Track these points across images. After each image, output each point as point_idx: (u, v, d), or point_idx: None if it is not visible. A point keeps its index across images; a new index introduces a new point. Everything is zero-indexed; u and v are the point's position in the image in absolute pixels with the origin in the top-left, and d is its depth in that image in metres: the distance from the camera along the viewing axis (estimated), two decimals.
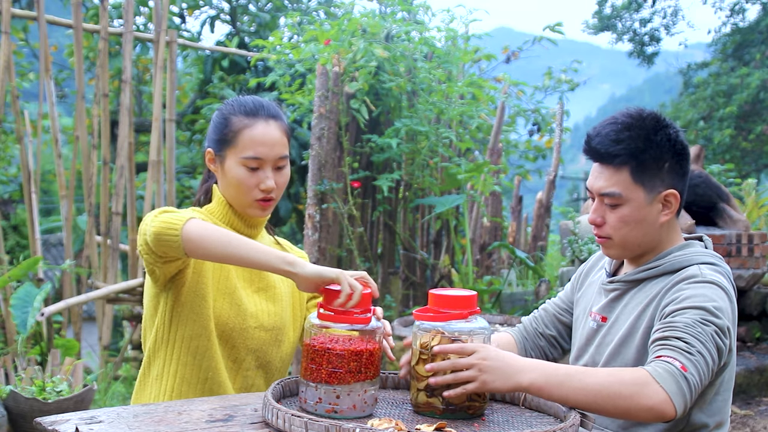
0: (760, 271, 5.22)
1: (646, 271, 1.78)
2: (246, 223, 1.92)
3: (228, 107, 1.90)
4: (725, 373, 1.73)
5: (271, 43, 6.16)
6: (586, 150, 1.81)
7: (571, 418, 1.49)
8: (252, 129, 1.85)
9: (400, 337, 4.60)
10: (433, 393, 1.57)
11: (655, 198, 1.75)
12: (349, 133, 5.31)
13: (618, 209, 1.76)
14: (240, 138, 1.84)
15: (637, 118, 1.75)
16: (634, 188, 1.74)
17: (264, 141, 1.85)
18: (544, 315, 2.07)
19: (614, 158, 1.73)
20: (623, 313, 1.79)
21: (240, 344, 1.87)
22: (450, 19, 6.14)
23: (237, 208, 1.90)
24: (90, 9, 10.03)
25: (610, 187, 1.75)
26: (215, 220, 1.90)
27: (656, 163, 1.74)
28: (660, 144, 1.73)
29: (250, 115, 1.86)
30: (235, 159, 1.85)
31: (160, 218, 1.68)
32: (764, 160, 14.79)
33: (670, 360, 1.53)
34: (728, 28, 15.86)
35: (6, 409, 4.11)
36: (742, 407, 4.72)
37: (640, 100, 66.09)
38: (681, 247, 1.80)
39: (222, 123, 1.88)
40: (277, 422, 1.42)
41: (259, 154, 1.84)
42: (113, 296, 6.08)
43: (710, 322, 1.59)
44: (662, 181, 1.75)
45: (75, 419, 1.47)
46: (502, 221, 8.10)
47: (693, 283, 1.67)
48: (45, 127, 8.38)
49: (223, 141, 1.87)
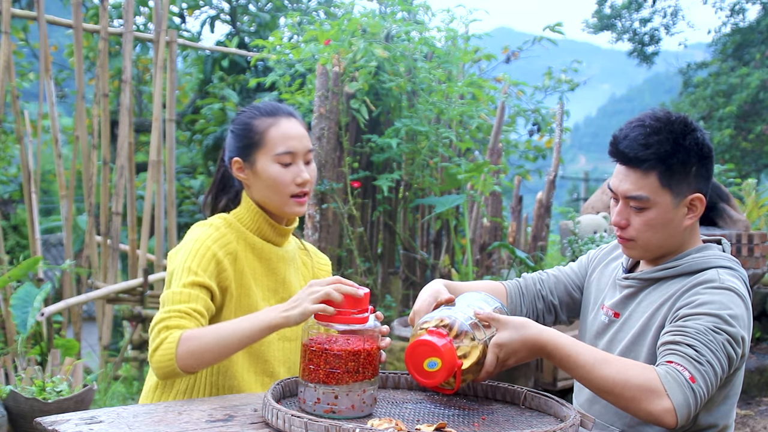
0: (760, 271, 5.23)
1: (663, 271, 1.77)
2: (276, 231, 1.93)
3: (245, 115, 1.92)
4: (736, 378, 1.72)
5: (271, 43, 6.15)
6: (612, 152, 1.78)
7: (571, 418, 1.48)
8: (278, 126, 1.87)
9: (400, 337, 4.60)
10: None
11: (682, 202, 1.73)
12: (349, 133, 5.31)
13: (644, 213, 1.74)
14: (268, 137, 1.86)
15: (666, 122, 1.73)
16: (661, 192, 1.72)
17: (292, 135, 1.87)
18: (552, 280, 2.02)
19: (643, 162, 1.71)
20: (636, 311, 1.78)
21: (271, 358, 1.90)
22: (450, 19, 6.14)
23: (273, 210, 1.90)
24: (90, 9, 10.03)
25: (637, 190, 1.72)
26: (243, 229, 1.90)
27: (684, 167, 1.71)
28: (688, 148, 1.71)
29: (272, 115, 1.88)
30: (268, 158, 1.86)
31: (155, 358, 1.68)
32: (764, 160, 14.78)
33: (680, 369, 1.52)
34: (728, 28, 15.86)
35: (6, 409, 4.11)
36: (742, 407, 4.72)
37: (640, 100, 66.02)
38: (699, 249, 1.78)
39: (245, 129, 1.89)
40: (277, 422, 1.42)
41: (290, 147, 1.86)
42: (113, 296, 6.08)
43: (723, 331, 1.58)
44: (689, 185, 1.73)
45: (75, 419, 1.46)
46: (502, 221, 8.09)
47: (710, 288, 1.66)
48: (45, 127, 8.37)
49: (250, 145, 1.87)
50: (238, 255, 1.87)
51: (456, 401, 1.73)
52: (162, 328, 1.71)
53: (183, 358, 1.66)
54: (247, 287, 1.87)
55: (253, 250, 1.91)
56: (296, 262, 2.02)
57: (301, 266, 2.04)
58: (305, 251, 2.08)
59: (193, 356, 1.66)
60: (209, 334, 1.68)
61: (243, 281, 1.87)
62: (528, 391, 1.70)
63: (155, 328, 1.72)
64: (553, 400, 1.62)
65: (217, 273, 1.82)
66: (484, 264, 7.38)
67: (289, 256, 1.98)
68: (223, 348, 1.67)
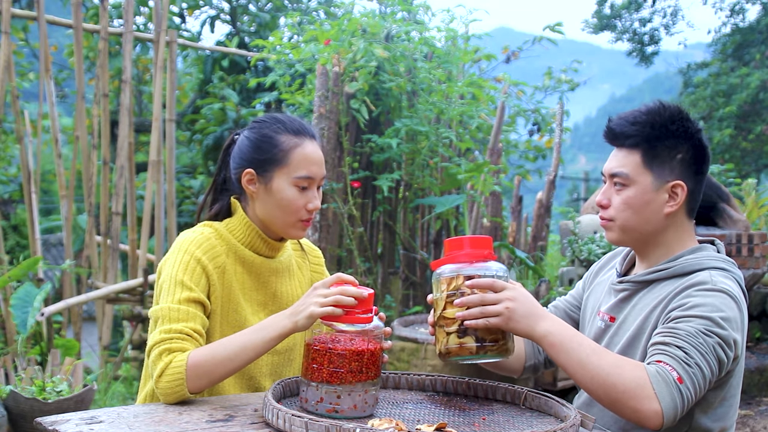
0: (760, 271, 5.22)
1: (656, 273, 1.77)
2: (267, 246, 1.89)
3: (269, 127, 1.84)
4: (732, 380, 1.72)
5: (271, 43, 6.16)
6: (605, 133, 1.83)
7: (571, 418, 1.48)
8: (303, 148, 1.82)
9: (401, 337, 4.59)
10: (465, 333, 1.59)
11: (662, 186, 1.75)
12: (349, 133, 5.31)
13: (623, 191, 1.77)
14: (291, 157, 1.81)
15: (659, 106, 1.78)
16: (642, 171, 1.75)
17: (315, 160, 1.83)
18: (555, 312, 2.06)
19: (627, 138, 1.76)
20: (631, 314, 1.78)
21: (257, 373, 1.87)
22: (450, 19, 6.14)
23: (275, 228, 1.86)
24: (90, 9, 10.04)
25: (619, 167, 1.77)
26: (234, 241, 1.85)
27: (669, 151, 1.74)
28: (676, 134, 1.75)
29: (299, 134, 1.83)
30: (287, 179, 1.81)
31: (162, 384, 1.63)
32: (764, 160, 14.78)
33: (668, 369, 1.52)
34: (728, 28, 15.86)
35: (6, 409, 4.11)
36: (742, 407, 4.72)
37: (640, 100, 65.87)
38: (693, 250, 1.78)
39: (267, 142, 1.82)
40: (277, 422, 1.42)
41: (311, 173, 1.82)
42: (113, 296, 6.08)
43: (714, 334, 1.58)
44: (672, 170, 1.75)
45: (75, 419, 1.46)
46: (502, 221, 8.09)
47: (703, 290, 1.65)
48: (45, 127, 8.37)
49: (271, 161, 1.81)
50: (226, 269, 1.82)
51: (456, 401, 1.73)
52: (164, 351, 1.65)
53: (194, 382, 1.62)
54: (235, 302, 1.83)
55: (243, 264, 1.86)
56: (291, 270, 1.97)
57: (296, 272, 2.00)
58: (300, 251, 2.04)
59: (204, 378, 1.63)
60: (218, 353, 1.64)
61: (231, 296, 1.83)
62: (528, 391, 1.70)
63: (155, 350, 1.66)
64: (554, 400, 1.62)
65: (207, 286, 1.78)
66: None
67: (283, 266, 1.94)
68: (236, 365, 1.64)
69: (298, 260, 2.02)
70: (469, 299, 1.58)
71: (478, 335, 1.59)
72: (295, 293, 1.96)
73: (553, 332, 1.59)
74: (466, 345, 1.59)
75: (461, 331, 1.59)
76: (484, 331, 1.59)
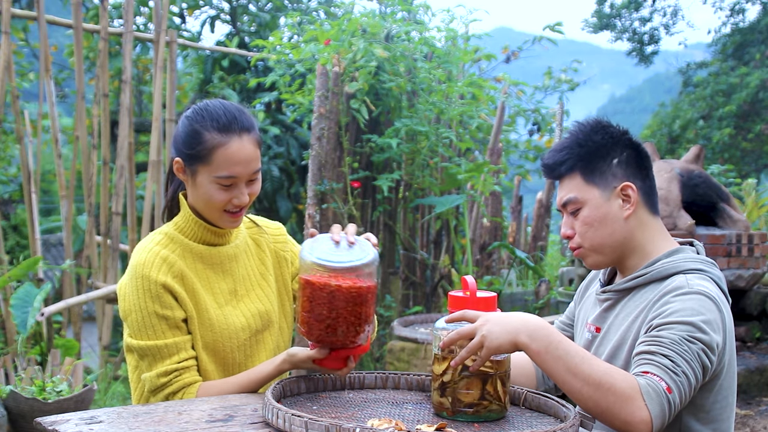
0: (760, 271, 5.22)
1: (635, 280, 1.77)
2: (216, 234, 1.88)
3: (198, 119, 1.79)
4: (722, 381, 1.71)
5: (271, 43, 6.16)
6: (543, 172, 1.89)
7: (571, 418, 1.49)
8: (226, 147, 1.76)
9: (401, 337, 4.59)
10: (444, 392, 1.58)
11: (612, 193, 1.76)
12: (349, 133, 5.31)
13: (579, 214, 1.78)
14: (214, 157, 1.76)
15: (577, 126, 1.82)
16: (588, 189, 1.77)
17: (239, 160, 1.76)
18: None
19: (562, 165, 1.79)
20: (614, 324, 1.79)
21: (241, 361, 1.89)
22: (450, 19, 6.15)
23: (207, 218, 1.85)
24: (90, 9, 10.04)
25: (567, 194, 1.79)
26: (186, 241, 1.85)
27: (604, 160, 1.77)
28: (602, 142, 1.77)
29: (224, 132, 1.76)
30: (208, 177, 1.78)
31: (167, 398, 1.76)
32: (764, 160, 14.79)
33: (656, 380, 1.52)
34: (728, 28, 15.88)
35: (6, 409, 4.11)
36: (742, 407, 4.72)
37: (640, 100, 65.99)
38: (669, 253, 1.77)
39: (193, 137, 1.78)
40: (277, 422, 1.42)
41: (234, 173, 1.77)
42: (113, 296, 6.08)
43: (697, 339, 1.57)
44: (614, 175, 1.77)
45: (75, 419, 1.46)
46: (502, 221, 8.10)
47: (680, 295, 1.64)
48: (45, 127, 8.38)
49: (196, 157, 1.78)
50: (185, 274, 1.81)
51: None
52: (168, 394, 1.76)
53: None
54: (203, 302, 1.82)
55: (201, 259, 1.85)
56: (249, 249, 1.95)
57: (255, 249, 1.97)
58: (255, 227, 2.00)
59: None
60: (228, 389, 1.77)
61: (197, 299, 1.81)
62: (528, 391, 1.70)
63: (159, 394, 1.76)
64: (553, 401, 1.62)
65: (174, 300, 1.78)
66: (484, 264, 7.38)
67: (240, 249, 1.92)
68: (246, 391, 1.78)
69: (256, 237, 1.99)
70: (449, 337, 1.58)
71: (455, 396, 1.57)
72: (258, 271, 1.94)
73: (537, 338, 1.55)
74: (443, 404, 1.59)
75: (441, 388, 1.59)
76: (463, 395, 1.57)
